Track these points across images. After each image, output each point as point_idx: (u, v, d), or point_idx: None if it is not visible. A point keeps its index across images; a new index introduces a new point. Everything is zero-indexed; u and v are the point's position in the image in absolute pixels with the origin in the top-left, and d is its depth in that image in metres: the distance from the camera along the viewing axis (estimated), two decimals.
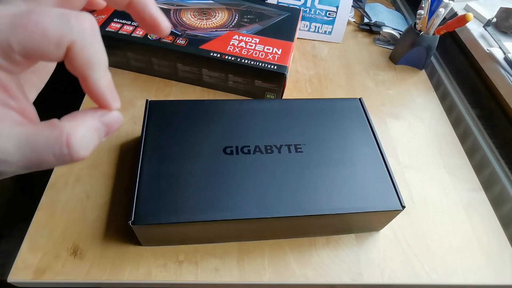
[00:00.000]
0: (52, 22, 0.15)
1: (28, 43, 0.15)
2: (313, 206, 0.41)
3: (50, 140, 0.15)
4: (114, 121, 0.19)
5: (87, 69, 0.16)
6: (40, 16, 0.15)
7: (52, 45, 0.15)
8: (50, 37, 0.15)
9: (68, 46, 0.15)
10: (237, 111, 0.50)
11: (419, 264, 0.47)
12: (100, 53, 0.17)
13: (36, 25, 0.14)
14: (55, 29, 0.15)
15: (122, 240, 0.45)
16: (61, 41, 0.15)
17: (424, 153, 0.61)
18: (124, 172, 0.52)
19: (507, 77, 0.61)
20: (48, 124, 0.16)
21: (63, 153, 0.16)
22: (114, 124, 0.19)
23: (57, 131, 0.16)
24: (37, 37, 0.15)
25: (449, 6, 0.65)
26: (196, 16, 0.67)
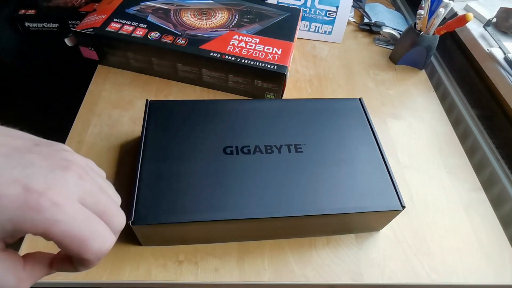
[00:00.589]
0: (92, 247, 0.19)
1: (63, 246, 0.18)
2: (313, 206, 0.41)
3: (7, 283, 0.18)
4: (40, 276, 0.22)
5: (79, 268, 0.21)
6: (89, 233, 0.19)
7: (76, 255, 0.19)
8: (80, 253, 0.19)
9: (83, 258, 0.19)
10: (237, 111, 0.50)
11: (419, 264, 0.47)
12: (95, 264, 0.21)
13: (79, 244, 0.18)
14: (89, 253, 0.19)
15: (122, 240, 0.45)
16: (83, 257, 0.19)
17: (424, 153, 0.61)
18: (124, 172, 0.52)
19: (507, 77, 0.61)
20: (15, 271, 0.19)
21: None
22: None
23: (17, 284, 0.19)
24: (73, 249, 0.18)
25: (449, 6, 0.65)
26: (196, 16, 0.67)
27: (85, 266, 0.20)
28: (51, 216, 0.17)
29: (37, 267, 0.20)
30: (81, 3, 0.78)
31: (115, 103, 0.61)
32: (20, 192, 0.17)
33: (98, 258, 0.20)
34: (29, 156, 0.19)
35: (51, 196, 0.18)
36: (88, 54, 0.66)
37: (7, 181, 0.17)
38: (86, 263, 0.20)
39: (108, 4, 0.67)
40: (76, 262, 0.20)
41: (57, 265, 0.21)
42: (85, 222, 0.19)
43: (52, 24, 0.76)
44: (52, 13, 0.76)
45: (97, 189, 0.21)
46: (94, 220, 0.20)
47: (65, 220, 0.18)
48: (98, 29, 0.62)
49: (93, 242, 0.19)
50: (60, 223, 0.18)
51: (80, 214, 0.19)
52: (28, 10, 0.75)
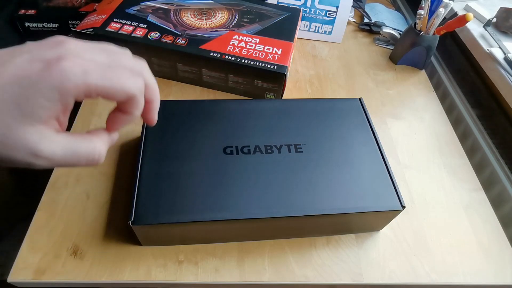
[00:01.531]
0: (128, 81, 0.22)
1: (108, 92, 0.21)
2: (313, 206, 0.41)
3: (88, 150, 0.22)
4: (116, 137, 0.26)
5: (133, 111, 0.24)
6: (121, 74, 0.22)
7: (124, 96, 0.22)
8: (125, 92, 0.22)
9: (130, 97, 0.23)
10: (237, 111, 0.50)
11: (419, 264, 0.47)
12: (142, 105, 0.25)
13: (119, 83, 0.21)
14: (129, 86, 0.22)
15: (122, 240, 0.45)
16: (128, 96, 0.22)
17: (424, 153, 0.61)
18: (124, 172, 0.52)
19: (507, 77, 0.61)
20: (86, 138, 0.23)
21: (94, 159, 0.23)
22: (115, 139, 0.26)
23: (92, 145, 0.23)
24: (117, 89, 0.21)
25: (449, 6, 0.65)
26: (196, 16, 0.67)
27: (136, 106, 0.23)
28: (80, 70, 0.19)
29: (101, 134, 0.24)
30: (81, 3, 0.78)
31: None
32: (42, 65, 0.19)
33: (141, 91, 0.23)
34: (26, 48, 0.20)
35: (69, 58, 0.20)
36: None
37: (25, 62, 0.19)
38: (134, 101, 0.23)
39: (108, 4, 0.67)
40: (127, 107, 0.23)
41: (112, 124, 0.25)
42: (110, 68, 0.21)
43: (52, 24, 0.76)
44: (52, 13, 0.76)
45: (99, 49, 0.22)
46: (114, 65, 0.22)
47: (94, 69, 0.20)
48: (98, 29, 0.62)
49: (127, 77, 0.22)
50: (91, 72, 0.20)
51: (100, 63, 0.21)
52: (28, 10, 0.75)
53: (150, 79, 0.24)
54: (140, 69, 0.23)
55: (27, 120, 0.19)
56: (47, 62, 0.19)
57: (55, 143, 0.21)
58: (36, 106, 0.19)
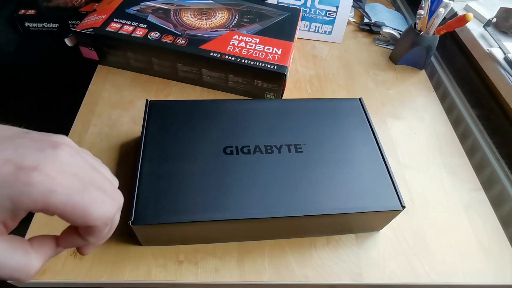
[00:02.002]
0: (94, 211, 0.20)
1: (67, 216, 0.19)
2: (313, 206, 0.41)
3: (18, 265, 0.19)
4: (64, 250, 0.23)
5: (89, 239, 0.21)
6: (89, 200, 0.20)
7: (82, 223, 0.20)
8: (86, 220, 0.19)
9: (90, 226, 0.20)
10: (237, 111, 0.50)
11: (419, 264, 0.47)
12: (105, 234, 0.22)
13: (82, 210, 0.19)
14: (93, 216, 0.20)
15: (122, 240, 0.45)
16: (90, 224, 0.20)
17: (424, 153, 0.61)
18: (124, 172, 0.52)
19: (507, 77, 0.61)
20: (21, 247, 0.20)
21: (20, 277, 0.19)
22: (63, 251, 0.23)
23: (26, 260, 0.20)
24: (77, 216, 0.19)
25: (449, 6, 0.65)
26: (196, 16, 0.67)
27: (95, 236, 0.21)
28: (46, 188, 0.18)
29: (45, 246, 0.21)
30: (81, 3, 0.78)
31: (115, 103, 0.61)
32: (13, 170, 0.18)
33: (105, 223, 0.20)
34: (19, 140, 0.19)
35: (43, 170, 0.18)
36: (88, 54, 0.66)
37: (0, 160, 0.18)
38: (95, 231, 0.20)
39: (108, 4, 0.67)
40: (84, 233, 0.21)
41: (64, 242, 0.22)
42: (83, 190, 0.19)
43: (52, 24, 0.76)
44: (52, 13, 0.76)
45: (90, 167, 0.21)
46: (91, 188, 0.20)
47: (62, 190, 0.18)
48: (98, 29, 0.62)
49: (96, 207, 0.19)
50: (57, 193, 0.18)
51: (76, 183, 0.19)
52: (28, 10, 0.75)
53: (116, 219, 0.22)
54: (118, 199, 0.22)
55: None
56: (19, 168, 0.18)
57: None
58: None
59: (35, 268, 0.20)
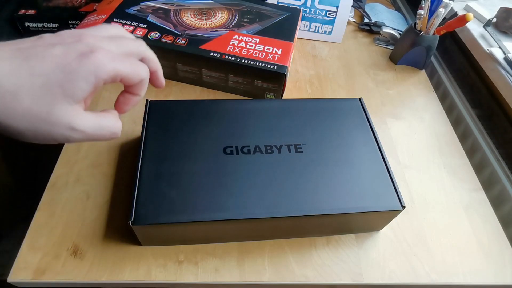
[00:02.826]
0: (144, 70, 0.28)
1: (129, 79, 0.26)
2: (313, 206, 0.41)
3: (111, 125, 0.27)
4: None
5: (141, 92, 0.29)
6: (139, 66, 0.27)
7: (138, 80, 0.27)
8: (140, 78, 0.27)
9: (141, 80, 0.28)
10: (237, 111, 0.50)
11: (419, 264, 0.47)
12: (146, 86, 0.30)
13: (138, 72, 0.27)
14: (144, 74, 0.28)
15: (122, 240, 0.45)
16: (141, 80, 0.28)
17: (424, 153, 0.61)
18: (124, 172, 0.52)
19: (507, 77, 0.61)
20: (109, 114, 0.27)
21: (116, 134, 0.27)
22: None
23: (115, 120, 0.27)
24: (135, 76, 0.27)
25: (449, 6, 0.65)
26: (196, 16, 0.67)
27: (143, 88, 0.28)
28: (112, 60, 0.24)
29: (116, 114, 0.28)
30: (81, 3, 0.78)
31: None
32: (78, 55, 0.23)
33: (148, 76, 0.28)
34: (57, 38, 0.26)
35: (103, 50, 0.24)
36: None
37: (62, 52, 0.23)
38: (144, 84, 0.28)
39: (108, 4, 0.67)
40: (137, 89, 0.28)
41: (124, 105, 0.29)
42: (128, 58, 0.26)
43: (52, 24, 0.76)
44: (52, 13, 0.76)
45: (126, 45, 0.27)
46: (134, 60, 0.27)
47: (118, 59, 0.25)
48: None
49: (142, 69, 0.27)
50: (118, 62, 0.24)
51: (124, 54, 0.26)
52: (28, 10, 0.75)
53: (150, 54, 0.30)
54: (143, 51, 0.28)
55: (67, 100, 0.23)
56: (81, 53, 0.23)
57: (87, 119, 0.25)
58: (76, 88, 0.23)
59: (120, 126, 0.28)
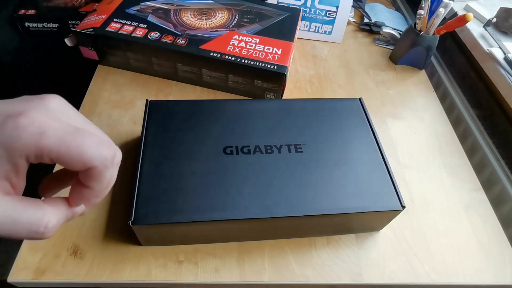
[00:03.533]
0: (89, 149, 0.18)
1: (63, 158, 0.18)
2: (313, 206, 0.41)
3: (33, 218, 0.19)
4: (79, 210, 0.22)
5: (92, 184, 0.20)
6: (84, 139, 0.18)
7: (79, 164, 0.18)
8: (82, 160, 0.18)
9: (90, 167, 0.19)
10: (237, 111, 0.50)
11: (419, 264, 0.47)
12: (108, 180, 0.20)
13: (77, 148, 0.18)
14: (89, 155, 0.18)
15: (122, 240, 0.45)
16: (88, 164, 0.19)
17: (424, 153, 0.61)
18: (124, 172, 0.52)
19: (507, 77, 0.61)
20: (34, 203, 0.19)
21: (38, 231, 0.19)
22: (79, 212, 0.22)
23: (41, 213, 0.19)
24: (73, 156, 0.18)
25: (449, 6, 0.65)
26: (196, 16, 0.67)
27: (97, 180, 0.20)
28: (36, 129, 0.17)
29: (58, 202, 0.21)
30: (81, 3, 0.78)
31: (115, 103, 0.61)
32: (1, 119, 0.17)
33: (105, 164, 0.19)
34: (8, 100, 0.19)
35: (31, 114, 0.18)
36: (88, 54, 0.66)
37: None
38: (96, 174, 0.19)
39: (108, 4, 0.67)
40: (86, 179, 0.20)
41: (73, 198, 0.21)
42: (76, 131, 0.18)
43: (52, 24, 0.76)
44: (52, 13, 0.76)
45: (82, 118, 0.21)
46: (85, 132, 0.19)
47: (53, 131, 0.18)
48: (98, 29, 0.62)
49: (91, 145, 0.18)
50: (48, 134, 0.17)
51: (67, 126, 0.18)
52: (28, 10, 0.75)
53: (115, 173, 0.21)
54: (114, 148, 0.20)
55: None
56: (7, 116, 0.17)
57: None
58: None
59: (52, 222, 0.19)
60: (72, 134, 0.18)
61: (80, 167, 0.19)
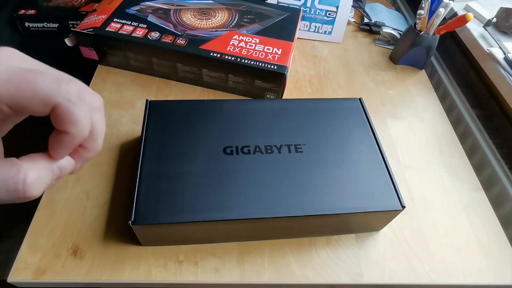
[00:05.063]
0: (43, 83, 0.16)
1: (17, 99, 0.16)
2: (313, 206, 0.41)
3: (8, 175, 0.17)
4: (67, 165, 0.20)
5: (65, 127, 0.18)
6: (35, 76, 0.16)
7: (39, 104, 0.16)
8: (39, 97, 0.16)
9: (53, 106, 0.17)
10: (237, 111, 0.50)
11: (419, 264, 0.47)
12: (82, 118, 0.18)
13: (28, 84, 0.16)
14: (45, 90, 0.16)
15: (122, 240, 0.45)
16: (48, 102, 0.17)
17: (424, 153, 0.61)
18: (124, 172, 0.52)
19: (507, 77, 0.61)
20: (8, 161, 0.17)
21: (17, 189, 0.17)
22: (67, 168, 0.20)
23: (15, 169, 0.17)
24: (27, 95, 0.16)
25: (449, 6, 0.65)
26: (196, 16, 0.67)
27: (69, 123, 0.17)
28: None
29: (35, 158, 0.19)
30: (81, 3, 0.78)
31: (115, 103, 0.61)
32: None
33: (69, 99, 0.17)
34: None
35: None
36: (88, 54, 0.66)
37: None
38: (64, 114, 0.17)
39: (108, 4, 0.67)
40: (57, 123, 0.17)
41: (53, 149, 0.19)
42: (26, 70, 0.17)
43: (52, 24, 0.76)
44: (52, 13, 0.76)
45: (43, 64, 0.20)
46: (38, 70, 0.17)
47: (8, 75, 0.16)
48: (98, 29, 0.62)
49: (46, 79, 0.17)
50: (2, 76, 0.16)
51: (15, 68, 0.17)
52: (28, 10, 0.75)
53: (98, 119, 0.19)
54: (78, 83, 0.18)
55: None
56: None
57: None
58: None
59: (30, 177, 0.17)
60: (21, 73, 0.16)
61: (41, 108, 0.17)
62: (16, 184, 0.17)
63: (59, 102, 0.17)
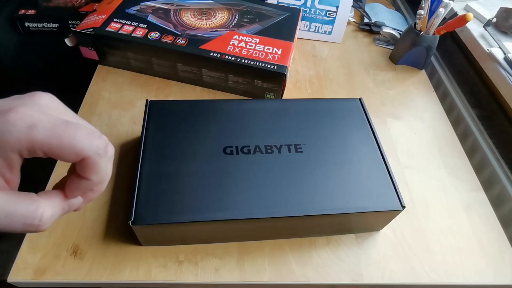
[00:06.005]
0: (80, 138, 0.19)
1: (56, 150, 0.18)
2: (313, 206, 0.41)
3: (27, 211, 0.19)
4: (76, 203, 0.22)
5: (88, 175, 0.20)
6: (74, 130, 0.19)
7: (73, 156, 0.19)
8: (75, 150, 0.18)
9: (84, 158, 0.19)
10: (237, 111, 0.50)
11: (419, 264, 0.47)
12: (103, 169, 0.20)
13: (68, 138, 0.18)
14: (81, 144, 0.19)
15: (122, 240, 0.45)
16: (81, 154, 0.19)
17: (424, 153, 0.61)
18: (124, 172, 0.52)
19: (507, 77, 0.61)
20: (27, 196, 0.19)
21: (33, 224, 0.19)
22: (75, 206, 0.22)
23: (34, 206, 0.19)
24: (66, 147, 0.18)
25: (449, 6, 0.65)
26: (196, 16, 0.67)
27: (93, 171, 0.20)
28: (25, 124, 0.17)
29: (52, 195, 0.21)
30: (81, 3, 0.78)
31: (115, 103, 0.61)
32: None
33: (98, 153, 0.19)
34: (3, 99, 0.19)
35: (20, 109, 0.18)
36: (88, 54, 0.66)
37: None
38: (90, 164, 0.19)
39: (108, 4, 0.67)
40: (82, 170, 0.20)
41: (69, 189, 0.21)
42: (66, 124, 0.19)
43: (52, 24, 0.76)
44: (52, 13, 0.76)
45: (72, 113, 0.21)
46: (75, 124, 0.19)
47: (42, 124, 0.18)
48: (98, 29, 0.62)
49: (82, 135, 0.19)
50: (38, 127, 0.18)
51: (57, 119, 0.19)
52: (28, 10, 0.75)
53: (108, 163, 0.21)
54: (105, 139, 0.20)
55: None
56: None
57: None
58: None
59: (46, 214, 0.19)
60: (62, 126, 0.18)
61: (73, 158, 0.19)
62: (33, 219, 0.19)
63: (89, 155, 0.19)
